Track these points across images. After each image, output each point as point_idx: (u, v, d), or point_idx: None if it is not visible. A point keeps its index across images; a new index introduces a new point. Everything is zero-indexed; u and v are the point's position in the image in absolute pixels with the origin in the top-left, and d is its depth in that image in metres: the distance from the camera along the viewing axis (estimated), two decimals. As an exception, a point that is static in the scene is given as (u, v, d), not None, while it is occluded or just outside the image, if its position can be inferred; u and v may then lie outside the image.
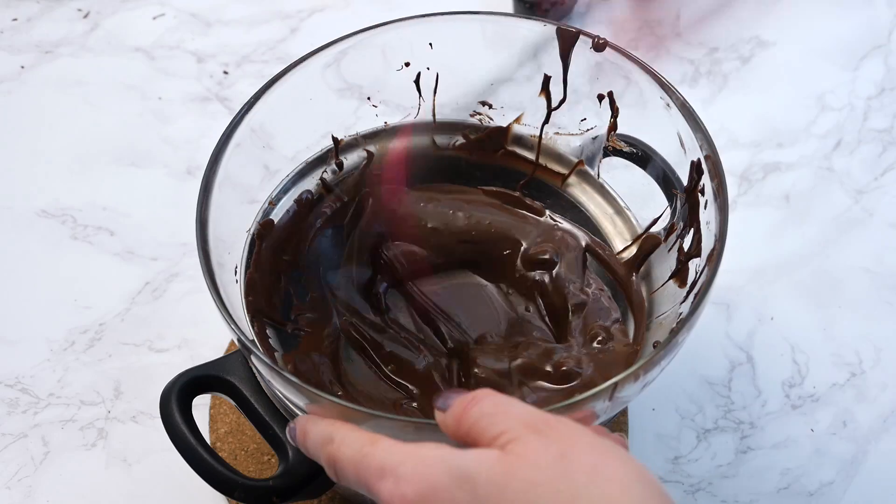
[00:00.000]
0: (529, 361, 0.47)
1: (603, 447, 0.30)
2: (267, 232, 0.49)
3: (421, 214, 0.53)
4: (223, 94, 0.73)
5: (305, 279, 0.51)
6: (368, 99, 0.52)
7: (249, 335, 0.43)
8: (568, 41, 0.49)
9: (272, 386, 0.40)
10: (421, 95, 0.53)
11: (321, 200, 0.52)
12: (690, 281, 0.46)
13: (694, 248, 0.46)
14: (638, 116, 0.50)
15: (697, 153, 0.45)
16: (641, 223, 0.52)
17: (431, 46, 0.50)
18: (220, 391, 0.42)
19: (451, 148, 0.55)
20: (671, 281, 0.48)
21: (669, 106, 0.46)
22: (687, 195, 0.47)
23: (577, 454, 0.30)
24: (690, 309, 0.41)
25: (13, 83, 0.73)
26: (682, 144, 0.47)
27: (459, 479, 0.30)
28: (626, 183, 0.53)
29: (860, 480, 0.56)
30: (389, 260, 0.53)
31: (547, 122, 0.53)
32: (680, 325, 0.40)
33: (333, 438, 0.35)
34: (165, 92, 0.73)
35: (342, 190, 0.53)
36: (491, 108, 0.54)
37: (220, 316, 0.39)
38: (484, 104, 0.54)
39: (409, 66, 0.51)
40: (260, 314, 0.46)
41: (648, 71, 0.47)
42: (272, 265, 0.49)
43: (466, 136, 0.54)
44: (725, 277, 0.62)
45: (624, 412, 0.57)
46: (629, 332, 0.49)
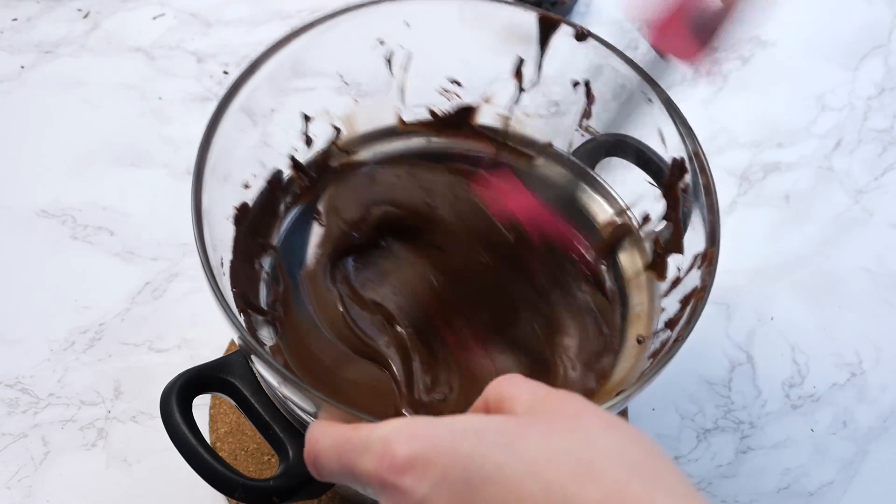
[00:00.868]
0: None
1: (617, 416, 0.30)
2: (244, 216, 0.47)
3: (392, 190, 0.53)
4: (225, 91, 0.72)
5: (277, 262, 0.49)
6: (340, 77, 0.52)
7: (249, 334, 0.43)
8: (548, 28, 0.49)
9: (272, 385, 0.40)
10: (392, 73, 0.52)
11: (291, 179, 0.51)
12: (672, 277, 0.46)
13: (674, 243, 0.47)
14: (614, 106, 0.50)
15: (680, 150, 0.45)
16: (621, 204, 0.52)
17: (408, 26, 0.49)
18: (220, 391, 0.42)
19: (417, 124, 0.54)
20: (648, 272, 0.48)
21: (651, 101, 0.46)
22: (666, 190, 0.47)
23: (591, 413, 0.30)
24: (688, 315, 0.41)
25: (13, 83, 0.73)
26: (662, 140, 0.47)
27: (464, 432, 0.28)
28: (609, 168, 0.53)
29: (860, 480, 0.56)
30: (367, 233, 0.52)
31: (517, 103, 0.53)
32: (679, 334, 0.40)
33: (314, 435, 0.34)
34: (165, 92, 0.73)
35: (311, 167, 0.52)
36: (461, 86, 0.53)
37: (220, 314, 0.39)
38: (454, 82, 0.53)
39: (383, 44, 0.50)
40: (248, 306, 0.45)
41: (631, 64, 0.47)
42: (249, 251, 0.47)
43: (433, 112, 0.54)
44: (725, 277, 0.62)
45: (624, 412, 0.57)
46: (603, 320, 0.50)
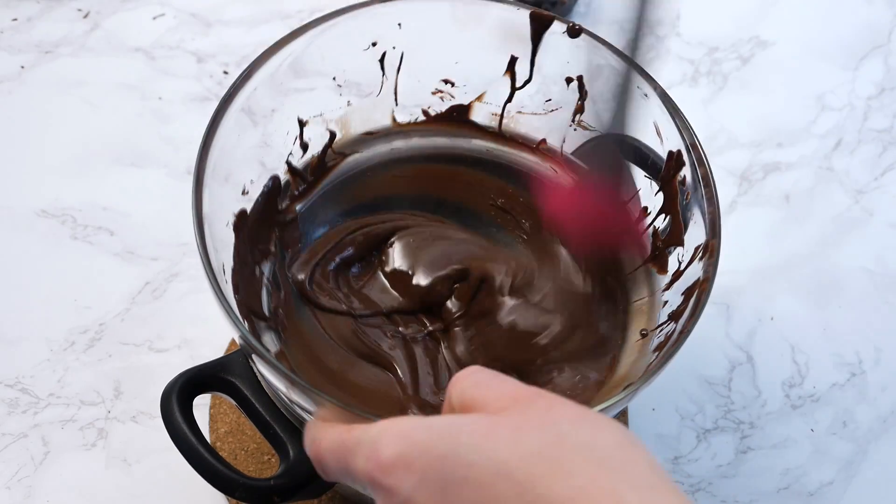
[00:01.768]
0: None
1: (587, 409, 0.30)
2: (242, 223, 0.47)
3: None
4: (223, 94, 0.72)
5: (278, 268, 0.50)
6: (333, 79, 0.52)
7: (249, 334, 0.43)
8: (541, 25, 0.49)
9: (273, 385, 0.40)
10: (384, 74, 0.52)
11: (287, 184, 0.51)
12: (673, 269, 0.46)
13: (674, 236, 0.47)
14: (612, 103, 0.50)
15: (677, 143, 0.45)
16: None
17: (400, 27, 0.50)
18: (220, 391, 0.42)
19: (411, 125, 0.54)
20: (647, 265, 0.49)
21: (647, 96, 0.46)
22: (663, 184, 0.47)
23: (562, 407, 0.30)
24: (692, 306, 0.41)
25: (13, 83, 0.73)
26: (658, 133, 0.47)
27: (440, 432, 0.29)
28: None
29: (860, 480, 0.56)
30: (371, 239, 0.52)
31: (510, 101, 0.53)
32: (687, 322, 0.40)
33: (316, 437, 0.34)
34: (165, 92, 0.73)
35: (307, 171, 0.52)
36: (454, 86, 0.54)
37: (220, 313, 0.39)
38: (447, 82, 0.53)
39: (375, 45, 0.50)
40: (250, 312, 0.46)
41: (625, 59, 0.47)
42: (249, 258, 0.47)
43: (426, 112, 0.54)
44: (725, 277, 0.61)
45: (624, 412, 0.57)
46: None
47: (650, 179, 0.49)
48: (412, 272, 0.51)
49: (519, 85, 0.52)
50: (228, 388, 0.42)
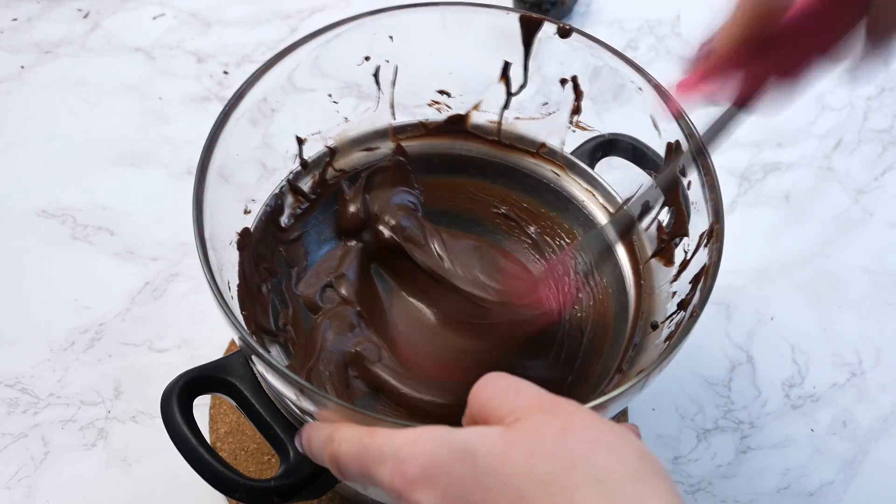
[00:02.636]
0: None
1: (603, 423, 0.31)
2: (246, 242, 0.48)
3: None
4: (223, 94, 0.73)
5: (284, 286, 0.50)
6: (329, 96, 0.52)
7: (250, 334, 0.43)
8: (531, 28, 0.49)
9: (273, 386, 0.40)
10: (380, 89, 0.52)
11: (289, 203, 0.52)
12: (680, 259, 0.46)
13: (678, 227, 0.47)
14: (609, 101, 0.50)
15: (675, 134, 0.45)
16: (620, 197, 0.52)
17: (392, 40, 0.50)
18: (220, 391, 0.42)
19: (409, 138, 0.54)
20: (654, 259, 0.49)
21: (642, 90, 0.46)
22: (664, 176, 0.47)
23: (577, 428, 0.30)
24: (700, 292, 0.41)
25: (13, 83, 0.73)
26: (655, 126, 0.47)
27: (459, 452, 0.30)
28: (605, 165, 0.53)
29: (860, 480, 0.56)
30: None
31: (506, 107, 0.53)
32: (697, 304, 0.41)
33: (333, 438, 0.35)
34: (165, 92, 0.73)
35: (309, 189, 0.52)
36: (449, 96, 0.54)
37: (220, 315, 0.39)
38: (442, 93, 0.53)
39: (368, 59, 0.51)
40: (258, 329, 0.46)
41: (618, 55, 0.47)
42: (255, 275, 0.48)
43: (424, 124, 0.54)
44: (725, 277, 0.62)
45: (624, 412, 0.57)
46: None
47: (650, 176, 0.49)
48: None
49: (514, 90, 0.52)
50: (228, 388, 0.42)
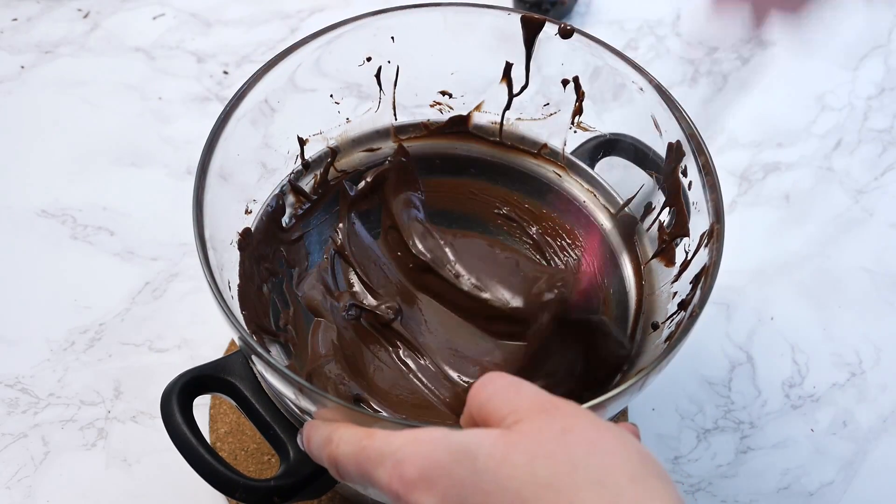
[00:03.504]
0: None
1: (604, 425, 0.30)
2: (247, 242, 0.48)
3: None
4: (223, 94, 0.73)
5: (285, 286, 0.50)
6: (331, 96, 0.52)
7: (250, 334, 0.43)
8: (532, 29, 0.49)
9: (273, 386, 0.40)
10: (381, 89, 0.52)
11: (290, 203, 0.52)
12: (681, 260, 0.46)
13: (679, 228, 0.47)
14: (609, 101, 0.50)
15: (676, 134, 0.45)
16: (622, 198, 0.52)
17: (393, 40, 0.50)
18: (220, 391, 0.42)
19: (411, 139, 0.54)
20: (655, 259, 0.49)
21: (643, 90, 0.46)
22: (665, 176, 0.47)
23: (578, 430, 0.30)
24: (700, 291, 0.41)
25: (13, 83, 0.73)
26: (657, 126, 0.47)
27: (459, 453, 0.30)
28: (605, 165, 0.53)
29: (860, 480, 0.56)
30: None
31: (508, 108, 0.53)
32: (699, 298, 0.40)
33: (332, 439, 0.35)
34: (165, 92, 0.73)
35: (310, 189, 0.52)
36: (451, 97, 0.54)
37: (220, 314, 0.39)
38: (444, 93, 0.53)
39: (370, 60, 0.51)
40: (258, 329, 0.46)
41: (619, 55, 0.47)
42: (255, 275, 0.48)
43: (426, 125, 0.54)
44: (725, 277, 0.62)
45: (624, 412, 0.57)
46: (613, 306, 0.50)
47: (652, 176, 0.49)
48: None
49: (516, 91, 0.52)
50: (228, 388, 0.42)
